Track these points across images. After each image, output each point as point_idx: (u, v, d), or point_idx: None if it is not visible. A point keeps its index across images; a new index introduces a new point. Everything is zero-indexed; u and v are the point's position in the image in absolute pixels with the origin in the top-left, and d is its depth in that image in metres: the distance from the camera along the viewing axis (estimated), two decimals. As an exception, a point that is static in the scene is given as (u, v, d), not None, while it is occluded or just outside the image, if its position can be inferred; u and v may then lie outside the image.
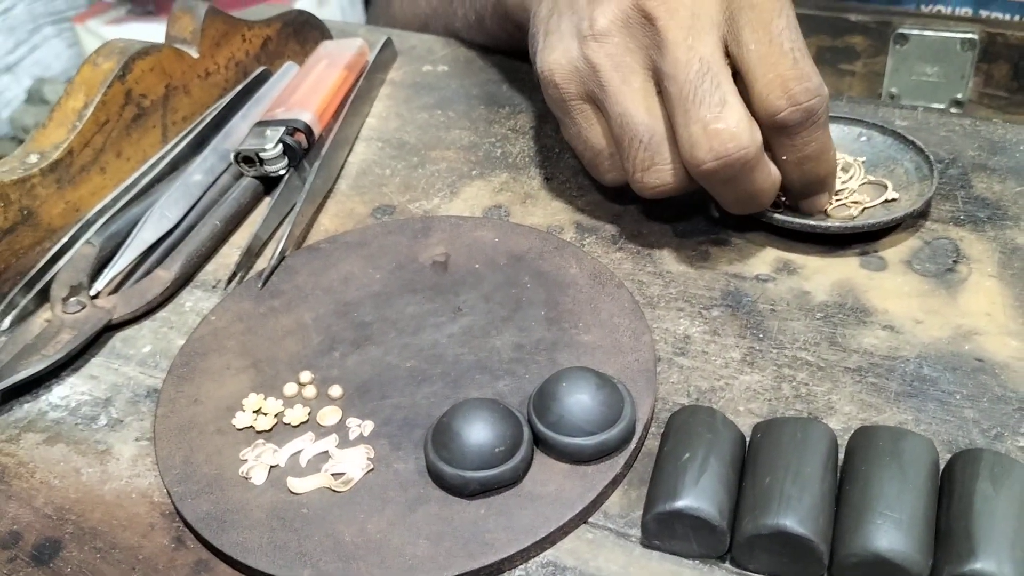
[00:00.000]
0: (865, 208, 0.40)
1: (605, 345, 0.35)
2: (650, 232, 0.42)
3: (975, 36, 0.68)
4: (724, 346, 0.36)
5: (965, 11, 0.75)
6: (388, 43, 0.55)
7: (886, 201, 0.40)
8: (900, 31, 0.70)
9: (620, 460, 0.31)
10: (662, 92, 0.35)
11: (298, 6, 0.86)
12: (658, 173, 0.36)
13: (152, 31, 1.54)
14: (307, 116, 0.46)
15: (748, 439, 0.30)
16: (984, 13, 0.75)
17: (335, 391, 0.34)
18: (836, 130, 0.44)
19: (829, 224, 0.38)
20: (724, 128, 0.33)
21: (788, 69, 0.34)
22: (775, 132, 0.35)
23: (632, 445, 0.31)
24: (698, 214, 0.42)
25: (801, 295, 0.37)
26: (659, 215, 0.42)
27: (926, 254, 0.39)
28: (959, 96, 0.71)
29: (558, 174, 0.45)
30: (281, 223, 0.43)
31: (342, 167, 0.47)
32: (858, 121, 0.44)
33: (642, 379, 0.33)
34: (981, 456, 0.28)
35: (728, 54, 0.35)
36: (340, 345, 0.36)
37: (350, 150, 0.48)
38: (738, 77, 0.35)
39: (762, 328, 0.36)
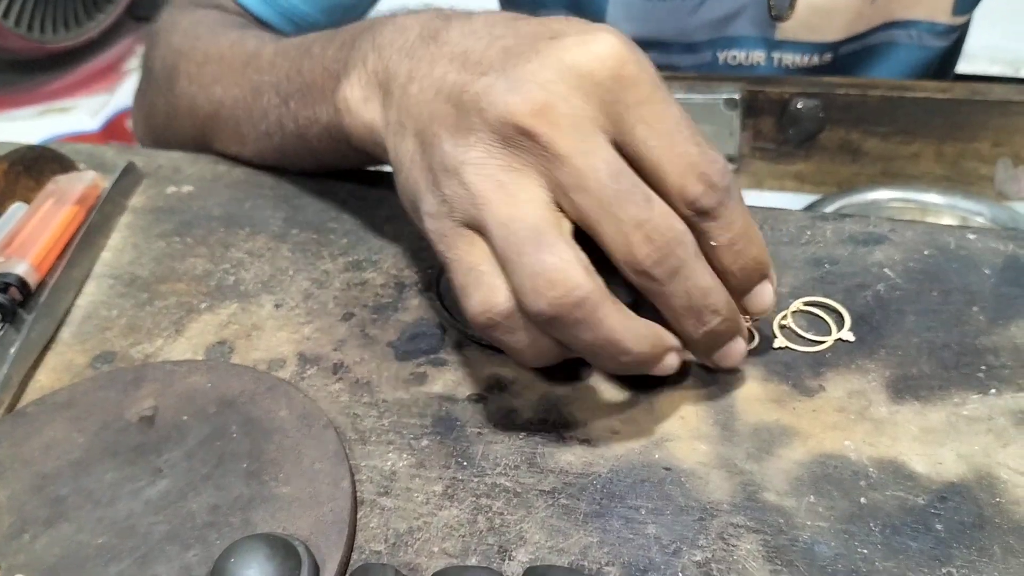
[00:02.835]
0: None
1: (302, 497, 0.34)
2: (372, 356, 0.41)
3: (737, 95, 0.71)
4: (428, 480, 0.35)
5: (759, 54, 0.78)
6: (129, 168, 0.54)
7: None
8: (667, 96, 0.72)
9: (297, 631, 0.30)
10: (563, 207, 0.33)
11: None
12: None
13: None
14: (22, 268, 0.45)
15: (426, 590, 0.30)
16: (776, 55, 0.78)
17: (17, 582, 0.33)
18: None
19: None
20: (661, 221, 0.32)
21: (697, 156, 0.33)
22: (699, 220, 0.34)
23: (311, 612, 0.30)
24: (420, 330, 0.42)
25: (508, 414, 0.38)
26: (383, 335, 0.42)
27: (630, 356, 0.40)
28: (731, 152, 0.73)
29: (288, 299, 0.45)
30: (-9, 387, 0.41)
31: (67, 312, 0.46)
32: None
33: (334, 532, 0.33)
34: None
35: (621, 155, 0.33)
36: (32, 526, 0.35)
37: (78, 292, 0.47)
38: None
39: (467, 455, 0.36)
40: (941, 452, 0.34)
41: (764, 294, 0.36)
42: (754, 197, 0.74)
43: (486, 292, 0.34)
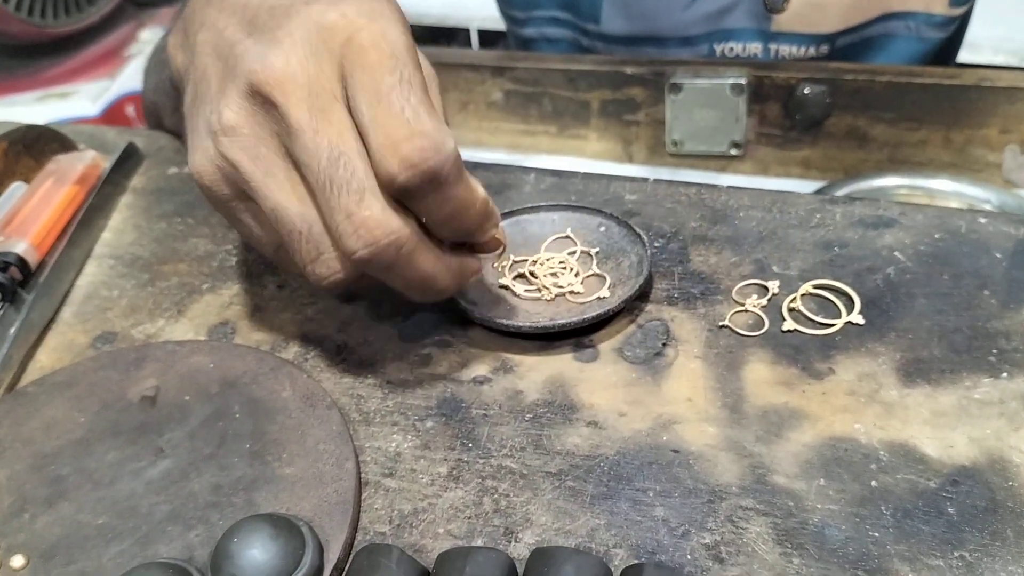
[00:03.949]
0: (584, 302, 0.41)
1: (306, 478, 0.34)
2: (376, 338, 0.41)
3: (743, 80, 0.70)
4: (433, 461, 0.35)
5: (756, 46, 0.78)
6: (130, 149, 0.54)
7: (600, 299, 0.41)
8: (673, 81, 0.71)
9: (301, 611, 0.30)
10: (303, 179, 0.33)
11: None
12: (326, 263, 0.34)
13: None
14: (21, 247, 0.44)
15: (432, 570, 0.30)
16: (773, 47, 0.77)
17: (17, 561, 0.32)
18: (578, 219, 0.45)
19: (521, 324, 0.39)
20: (369, 215, 0.31)
21: (399, 128, 0.31)
22: (405, 199, 0.32)
23: (315, 593, 0.30)
24: (425, 312, 0.42)
25: (514, 396, 0.37)
26: (387, 317, 0.42)
27: (637, 339, 0.39)
28: (736, 138, 0.73)
29: (291, 280, 0.44)
30: (-9, 367, 0.41)
31: (68, 292, 0.45)
32: (598, 211, 0.44)
33: (338, 512, 0.33)
34: (642, 571, 0.28)
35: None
36: (32, 505, 0.34)
37: (78, 272, 0.46)
38: None
39: (472, 436, 0.36)
40: (952, 436, 0.34)
41: (485, 243, 0.37)
42: (759, 183, 0.74)
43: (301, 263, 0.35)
